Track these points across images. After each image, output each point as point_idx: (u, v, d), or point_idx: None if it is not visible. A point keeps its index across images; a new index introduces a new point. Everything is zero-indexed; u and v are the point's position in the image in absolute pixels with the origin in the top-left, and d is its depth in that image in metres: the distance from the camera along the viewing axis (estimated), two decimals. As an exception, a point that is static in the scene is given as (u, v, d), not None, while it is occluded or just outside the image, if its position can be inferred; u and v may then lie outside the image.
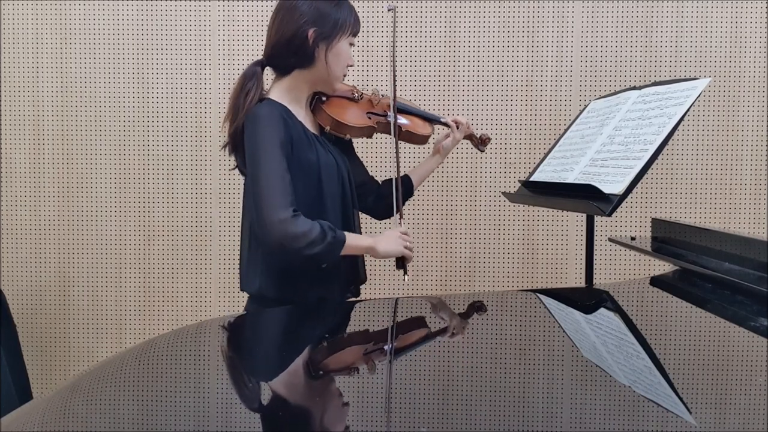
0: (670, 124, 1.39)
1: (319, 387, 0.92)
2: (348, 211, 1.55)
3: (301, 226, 1.33)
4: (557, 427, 0.75)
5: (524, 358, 1.03)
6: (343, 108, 1.58)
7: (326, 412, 0.82)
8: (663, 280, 1.47)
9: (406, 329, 1.22)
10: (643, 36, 2.45)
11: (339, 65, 1.50)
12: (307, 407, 0.85)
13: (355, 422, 0.79)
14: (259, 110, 1.41)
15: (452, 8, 2.46)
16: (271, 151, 1.37)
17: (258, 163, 1.37)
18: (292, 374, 0.97)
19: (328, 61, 1.48)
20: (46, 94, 2.49)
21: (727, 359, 0.99)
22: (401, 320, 1.32)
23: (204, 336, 1.20)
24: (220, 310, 2.52)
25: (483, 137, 1.86)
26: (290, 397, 0.90)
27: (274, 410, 0.84)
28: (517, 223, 2.48)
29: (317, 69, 1.49)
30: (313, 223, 1.35)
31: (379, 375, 0.96)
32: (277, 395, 0.91)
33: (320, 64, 1.48)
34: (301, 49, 1.45)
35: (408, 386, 0.92)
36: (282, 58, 1.49)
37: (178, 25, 2.47)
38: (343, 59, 1.51)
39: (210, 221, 2.50)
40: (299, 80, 1.50)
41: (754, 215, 2.46)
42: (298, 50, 1.46)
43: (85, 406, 0.85)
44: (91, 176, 2.50)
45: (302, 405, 0.87)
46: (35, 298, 2.52)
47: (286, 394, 0.90)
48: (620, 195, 1.36)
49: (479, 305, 1.36)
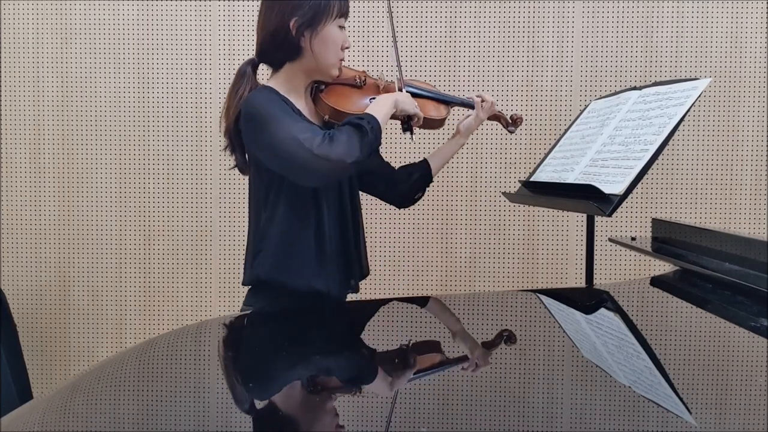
0: (670, 125, 1.39)
1: (317, 389, 0.92)
2: (344, 204, 1.51)
3: (341, 141, 1.32)
4: (557, 427, 0.75)
5: (524, 358, 1.03)
6: (342, 95, 1.53)
7: (325, 412, 0.82)
8: (663, 281, 1.47)
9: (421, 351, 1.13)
10: (644, 36, 2.45)
11: (328, 51, 1.46)
12: (304, 406, 0.85)
13: (355, 422, 0.79)
14: (254, 93, 1.41)
15: (452, 8, 2.46)
16: (276, 112, 1.35)
17: (266, 128, 1.34)
18: (289, 382, 0.96)
19: (315, 49, 1.44)
20: (47, 93, 2.49)
21: (728, 359, 0.99)
22: (415, 342, 1.21)
23: (204, 336, 1.20)
24: (220, 310, 2.52)
25: (514, 117, 1.76)
26: (288, 398, 0.90)
27: (273, 411, 0.84)
28: (518, 223, 2.48)
29: (306, 59, 1.45)
30: (344, 131, 1.34)
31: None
32: (274, 400, 0.91)
33: (308, 53, 1.44)
34: (286, 41, 1.42)
35: (408, 386, 0.92)
36: (271, 54, 1.47)
37: (178, 25, 2.47)
38: (332, 44, 1.46)
39: (210, 221, 2.50)
40: (293, 72, 1.48)
41: (754, 215, 2.46)
42: (283, 43, 1.43)
43: (85, 406, 0.85)
44: (91, 176, 2.50)
45: (299, 404, 0.87)
46: (35, 298, 2.52)
47: (284, 399, 0.90)
48: (620, 195, 1.36)
49: (508, 335, 1.17)
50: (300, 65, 1.47)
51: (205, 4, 2.47)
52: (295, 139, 1.31)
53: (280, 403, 0.87)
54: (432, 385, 0.92)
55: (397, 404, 0.84)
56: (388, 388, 0.91)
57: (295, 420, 0.81)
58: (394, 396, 0.87)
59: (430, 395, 0.88)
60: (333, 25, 1.45)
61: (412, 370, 0.99)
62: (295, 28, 1.42)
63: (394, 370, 0.98)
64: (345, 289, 1.54)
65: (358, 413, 0.81)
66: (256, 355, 1.08)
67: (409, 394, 0.88)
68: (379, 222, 2.46)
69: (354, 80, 1.56)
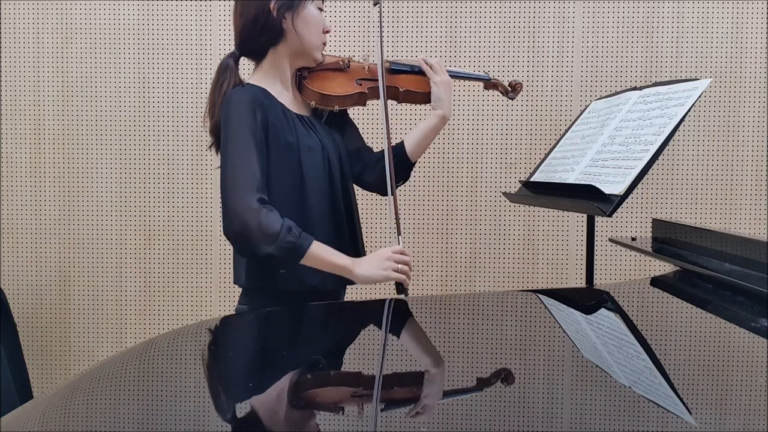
0: (670, 125, 1.39)
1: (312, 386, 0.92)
2: (335, 196, 1.49)
3: (260, 218, 1.27)
4: (557, 427, 0.75)
5: (524, 359, 1.03)
6: (327, 79, 1.51)
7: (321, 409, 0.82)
8: (663, 281, 1.47)
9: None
10: (644, 36, 2.45)
11: (311, 32, 1.45)
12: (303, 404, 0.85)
13: (355, 421, 0.78)
14: (233, 95, 1.40)
15: (452, 8, 2.46)
16: (240, 138, 1.34)
17: (226, 150, 1.35)
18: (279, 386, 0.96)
19: (298, 29, 1.43)
20: (47, 94, 2.49)
21: (728, 360, 0.99)
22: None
23: (204, 336, 1.20)
24: (220, 310, 2.52)
25: (513, 83, 1.72)
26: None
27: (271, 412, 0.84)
28: (518, 223, 2.48)
29: (290, 41, 1.45)
30: (276, 219, 1.29)
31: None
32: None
33: (291, 35, 1.44)
34: (268, 24, 1.42)
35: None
36: (253, 41, 1.46)
37: (178, 25, 2.47)
38: (314, 24, 1.46)
39: (210, 221, 2.50)
40: (277, 59, 1.47)
41: (754, 215, 2.46)
42: (265, 26, 1.42)
43: (85, 406, 0.85)
44: (91, 176, 2.50)
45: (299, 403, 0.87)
46: (35, 298, 2.52)
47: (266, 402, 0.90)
48: (621, 195, 1.36)
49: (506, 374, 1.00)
50: (284, 49, 1.46)
51: (205, 4, 2.47)
52: (237, 182, 1.31)
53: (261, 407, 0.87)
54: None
55: (396, 404, 0.84)
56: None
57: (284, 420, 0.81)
58: (378, 388, 0.87)
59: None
60: (312, 6, 1.45)
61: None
62: (276, 9, 1.41)
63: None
64: (342, 281, 1.46)
65: (354, 417, 0.81)
66: (236, 360, 1.08)
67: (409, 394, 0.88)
68: (379, 222, 2.46)
69: (337, 64, 1.54)
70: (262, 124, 1.38)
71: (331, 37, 1.57)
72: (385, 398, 0.85)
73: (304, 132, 1.45)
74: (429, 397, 0.86)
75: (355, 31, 2.43)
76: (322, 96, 1.49)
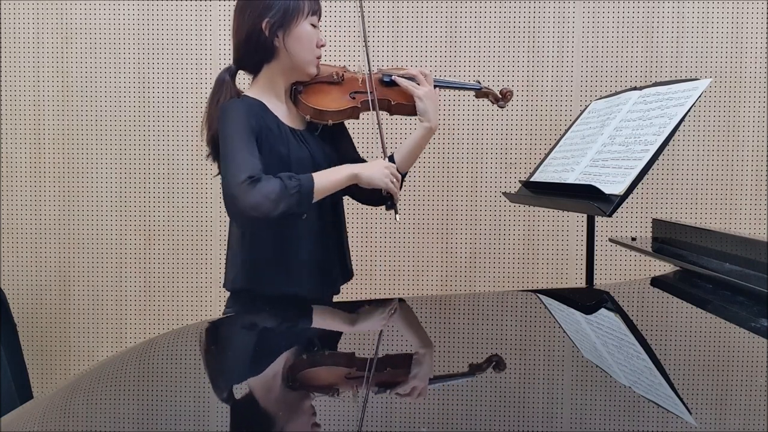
0: (670, 125, 1.39)
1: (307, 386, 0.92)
2: (323, 211, 1.50)
3: (259, 190, 1.28)
4: (557, 427, 0.75)
5: (524, 359, 1.03)
6: (321, 93, 1.53)
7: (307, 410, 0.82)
8: (663, 281, 1.47)
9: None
10: (644, 36, 2.45)
11: (303, 49, 1.46)
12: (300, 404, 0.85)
13: (354, 422, 0.78)
14: (229, 104, 1.43)
15: (452, 8, 2.46)
16: (237, 135, 1.36)
17: (225, 150, 1.37)
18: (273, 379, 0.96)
19: (289, 47, 1.45)
20: (47, 94, 2.49)
21: (728, 360, 0.99)
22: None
23: (204, 336, 1.20)
24: (220, 310, 2.51)
25: (503, 91, 1.71)
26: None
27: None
28: (518, 223, 2.48)
29: (282, 58, 1.47)
30: (271, 182, 1.30)
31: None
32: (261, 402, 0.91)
33: (283, 52, 1.46)
34: (260, 42, 1.44)
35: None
36: (247, 58, 1.48)
37: (178, 26, 2.47)
38: (307, 42, 1.47)
39: (210, 221, 2.50)
40: (271, 74, 1.49)
41: (754, 215, 2.46)
42: (258, 44, 1.45)
43: (85, 406, 0.85)
44: (91, 176, 2.50)
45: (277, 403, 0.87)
46: (35, 298, 2.52)
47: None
48: (621, 195, 1.36)
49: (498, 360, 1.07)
50: (277, 66, 1.48)
51: (205, 4, 2.47)
52: (232, 166, 1.33)
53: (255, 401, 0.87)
54: (431, 385, 0.91)
55: (397, 404, 0.84)
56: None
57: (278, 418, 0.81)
58: (367, 395, 0.87)
59: (429, 395, 0.88)
60: (305, 23, 1.46)
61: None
62: (267, 28, 1.43)
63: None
64: (325, 293, 1.54)
65: (356, 412, 0.81)
66: (235, 359, 1.08)
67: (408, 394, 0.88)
68: (379, 222, 2.46)
69: (332, 77, 1.55)
70: (257, 131, 1.40)
71: (331, 38, 1.58)
72: (377, 382, 0.85)
73: (296, 145, 1.47)
74: (418, 379, 0.85)
75: (355, 31, 2.43)
76: (316, 111, 1.51)
